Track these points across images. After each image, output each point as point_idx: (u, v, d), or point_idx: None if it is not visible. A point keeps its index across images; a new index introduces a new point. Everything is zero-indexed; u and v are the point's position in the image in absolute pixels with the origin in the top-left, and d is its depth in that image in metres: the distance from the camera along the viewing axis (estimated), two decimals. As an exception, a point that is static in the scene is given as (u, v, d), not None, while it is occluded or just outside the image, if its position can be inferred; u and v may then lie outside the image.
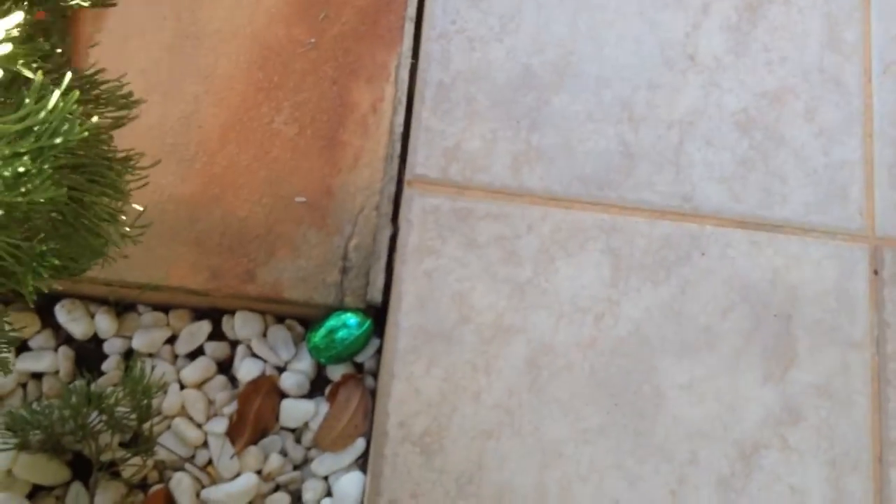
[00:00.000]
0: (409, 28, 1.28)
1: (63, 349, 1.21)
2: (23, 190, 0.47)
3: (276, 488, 1.18)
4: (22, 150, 0.44)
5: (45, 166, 0.46)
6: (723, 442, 1.04)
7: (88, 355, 1.22)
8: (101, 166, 0.61)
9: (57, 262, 0.61)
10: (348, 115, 1.27)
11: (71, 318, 1.21)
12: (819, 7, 1.10)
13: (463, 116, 1.14)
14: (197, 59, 1.26)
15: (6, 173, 0.43)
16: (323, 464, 1.17)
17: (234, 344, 1.24)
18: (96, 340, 1.23)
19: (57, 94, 0.44)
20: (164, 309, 1.25)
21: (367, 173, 1.25)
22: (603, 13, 1.07)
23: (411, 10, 1.30)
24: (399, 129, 1.27)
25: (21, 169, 0.45)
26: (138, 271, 1.14)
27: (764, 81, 1.08)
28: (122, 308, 1.24)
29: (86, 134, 0.47)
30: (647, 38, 1.07)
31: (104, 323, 1.21)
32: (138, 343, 1.21)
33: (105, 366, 1.21)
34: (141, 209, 0.72)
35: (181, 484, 1.15)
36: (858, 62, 1.11)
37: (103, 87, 0.64)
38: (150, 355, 1.22)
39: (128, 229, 0.71)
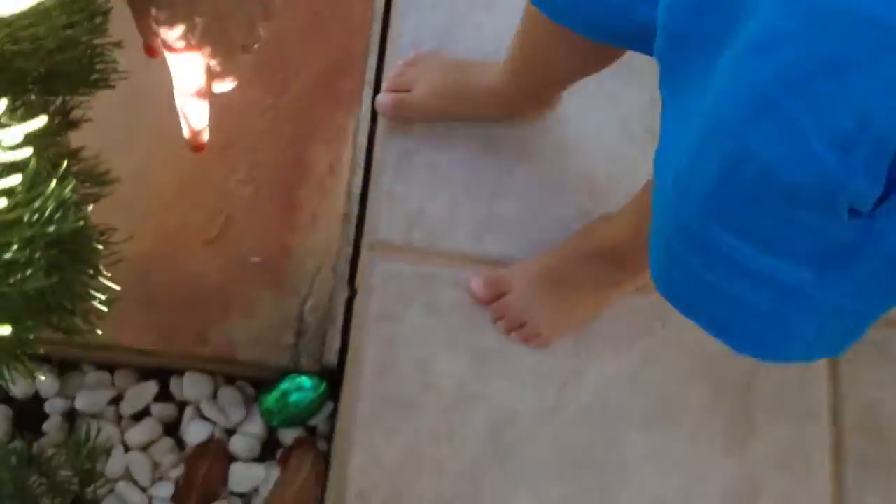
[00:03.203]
0: (369, 92, 1.28)
1: (1, 408, 1.15)
2: (11, 281, 0.44)
3: (224, 557, 1.14)
4: (12, 241, 0.41)
5: (37, 255, 0.44)
6: (685, 514, 1.03)
7: (28, 414, 1.17)
8: (79, 243, 0.58)
9: (41, 351, 0.58)
10: (305, 175, 1.25)
11: (10, 377, 1.16)
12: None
13: (426, 181, 1.13)
14: (150, 115, 1.23)
15: (-7, 264, 0.41)
16: (273, 532, 1.13)
17: (181, 405, 1.20)
18: (37, 399, 1.18)
19: (54, 182, 0.42)
20: (110, 368, 1.20)
21: (324, 234, 1.23)
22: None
23: (370, 75, 1.29)
24: (357, 190, 1.25)
25: (8, 256, 0.42)
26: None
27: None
28: (65, 366, 1.19)
29: (80, 224, 0.45)
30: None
31: (46, 382, 1.16)
32: (81, 403, 1.16)
33: (46, 426, 1.16)
34: (117, 288, 0.69)
35: (124, 553, 1.10)
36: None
37: (82, 164, 0.62)
38: (94, 416, 1.17)
39: (101, 305, 0.68)
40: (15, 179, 0.40)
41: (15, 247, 0.43)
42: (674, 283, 0.77)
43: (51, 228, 0.43)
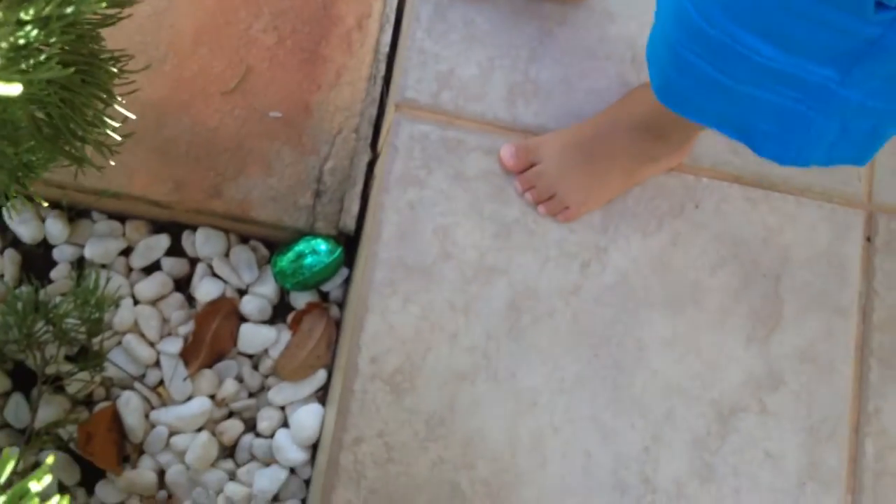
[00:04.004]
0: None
1: (9, 252, 1.13)
2: (23, 66, 0.40)
3: (230, 415, 1.13)
4: (26, 19, 0.37)
5: (52, 40, 0.39)
6: (701, 401, 1.01)
7: (36, 260, 1.15)
8: (92, 66, 0.53)
9: (45, 173, 0.54)
10: (332, 28, 1.19)
11: (19, 220, 1.13)
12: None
13: (460, 39, 1.07)
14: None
15: (4, 44, 0.36)
16: (280, 393, 1.12)
17: (193, 261, 1.17)
18: (45, 246, 1.15)
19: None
20: (121, 218, 1.17)
21: (348, 93, 1.17)
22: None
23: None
24: (385, 49, 1.20)
25: (22, 41, 0.37)
26: (96, 176, 1.06)
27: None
28: (74, 213, 1.16)
29: (103, 4, 0.40)
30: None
31: (55, 228, 1.13)
32: (91, 252, 1.13)
33: (54, 273, 1.13)
34: (132, 116, 0.65)
35: (129, 403, 1.09)
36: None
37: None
38: (103, 266, 1.15)
39: (115, 134, 0.64)
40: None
41: (29, 27, 0.38)
42: (683, 92, 0.76)
43: (69, 9, 0.38)
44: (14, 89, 0.34)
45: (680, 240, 1.05)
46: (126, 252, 1.16)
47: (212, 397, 1.11)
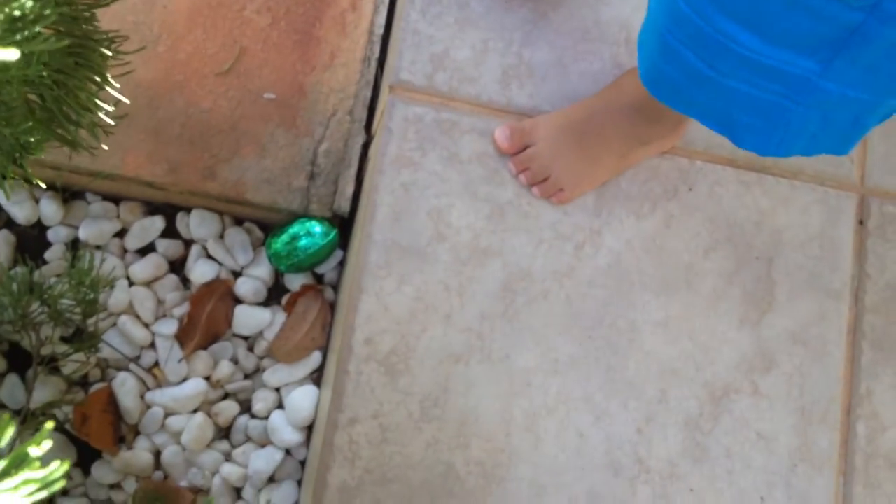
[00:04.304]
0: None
1: (3, 233, 1.13)
2: (18, 38, 0.40)
3: (225, 396, 1.13)
4: (21, -12, 0.37)
5: (47, 11, 0.39)
6: (694, 383, 1.01)
7: (31, 242, 1.15)
8: (85, 48, 0.53)
9: (42, 155, 0.54)
10: (326, 10, 1.19)
11: (13, 201, 1.13)
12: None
13: (455, 20, 1.07)
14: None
15: (0, 16, 0.36)
16: (275, 375, 1.12)
17: (188, 243, 1.17)
18: (40, 227, 1.15)
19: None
20: (115, 200, 1.17)
21: (342, 75, 1.17)
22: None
23: None
24: (379, 31, 1.20)
25: (17, 13, 0.37)
26: (90, 157, 1.06)
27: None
28: (69, 195, 1.16)
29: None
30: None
31: (50, 209, 1.13)
32: (85, 233, 1.13)
33: (48, 255, 1.13)
34: (126, 101, 0.65)
35: (125, 384, 1.09)
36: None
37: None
38: (98, 248, 1.15)
39: (108, 118, 0.63)
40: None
41: (24, -1, 0.38)
42: (668, 80, 0.77)
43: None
44: (11, 54, 0.34)
45: (673, 222, 1.05)
46: (121, 234, 1.16)
47: (207, 379, 1.12)
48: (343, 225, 1.16)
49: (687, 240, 1.05)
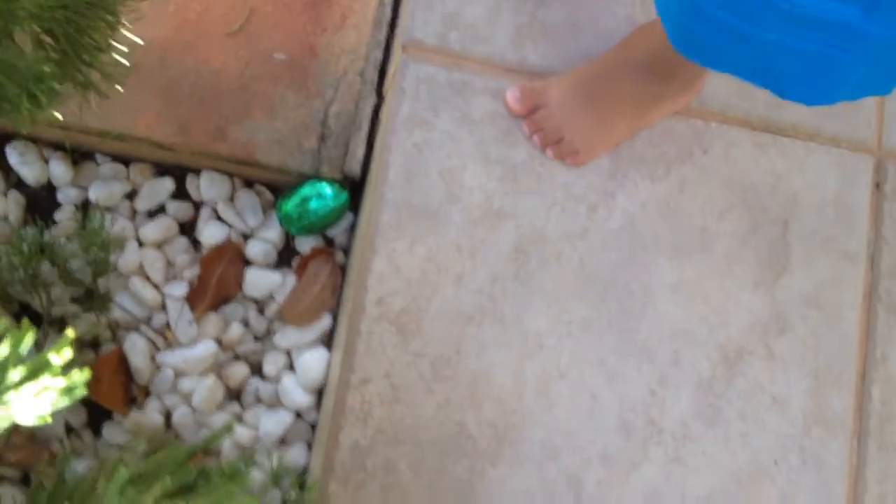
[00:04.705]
0: None
1: (13, 193, 1.12)
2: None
3: (236, 358, 1.13)
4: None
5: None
6: (707, 345, 1.01)
7: (40, 203, 1.14)
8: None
9: (57, 86, 0.53)
10: (337, -30, 1.18)
11: (23, 162, 1.12)
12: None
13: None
14: None
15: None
16: (286, 337, 1.12)
17: (198, 205, 1.16)
18: (49, 188, 1.14)
19: None
20: (125, 161, 1.16)
21: (353, 35, 1.16)
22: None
23: None
24: (391, -10, 1.18)
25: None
26: (100, 116, 1.05)
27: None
28: (78, 155, 1.15)
29: None
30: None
31: (59, 169, 1.13)
32: (95, 194, 1.13)
33: (58, 216, 1.13)
34: (140, 41, 0.64)
35: (136, 346, 1.09)
36: None
37: None
38: (108, 209, 1.14)
39: (123, 59, 0.63)
40: None
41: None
42: (701, 41, 0.75)
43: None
44: None
45: (688, 185, 1.04)
46: (130, 195, 1.15)
47: (218, 341, 1.11)
48: (354, 187, 1.15)
49: (701, 203, 1.04)
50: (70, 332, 0.40)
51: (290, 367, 1.12)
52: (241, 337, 1.12)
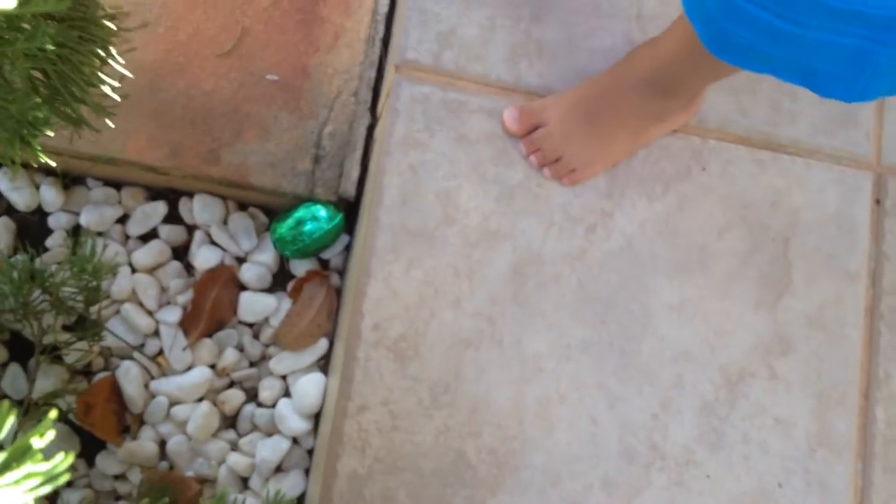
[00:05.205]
0: None
1: (4, 220, 1.11)
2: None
3: (231, 384, 1.11)
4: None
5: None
6: (709, 367, 0.99)
7: (31, 228, 1.12)
8: (88, 21, 0.51)
9: (50, 132, 0.51)
10: (329, -11, 1.16)
11: (13, 187, 1.11)
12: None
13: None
14: None
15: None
16: (282, 362, 1.10)
17: (191, 229, 1.15)
18: (40, 213, 1.13)
19: None
20: (116, 185, 1.15)
21: (346, 55, 1.15)
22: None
23: None
24: (383, 9, 1.17)
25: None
26: (91, 141, 1.03)
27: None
28: (69, 180, 1.13)
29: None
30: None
31: (50, 195, 1.11)
32: (87, 219, 1.11)
33: (49, 241, 1.11)
34: (130, 75, 0.63)
35: (129, 373, 1.07)
36: None
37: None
38: (100, 234, 1.12)
39: (114, 93, 0.61)
40: None
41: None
42: (737, 41, 0.73)
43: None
44: (9, 2, 0.32)
45: (686, 203, 1.03)
46: (122, 220, 1.14)
47: (212, 367, 1.10)
48: (348, 209, 1.14)
49: (700, 221, 1.02)
50: (52, 413, 0.38)
51: (286, 392, 1.10)
52: (236, 363, 1.10)
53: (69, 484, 1.06)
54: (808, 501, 0.98)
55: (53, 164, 0.82)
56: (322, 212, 1.10)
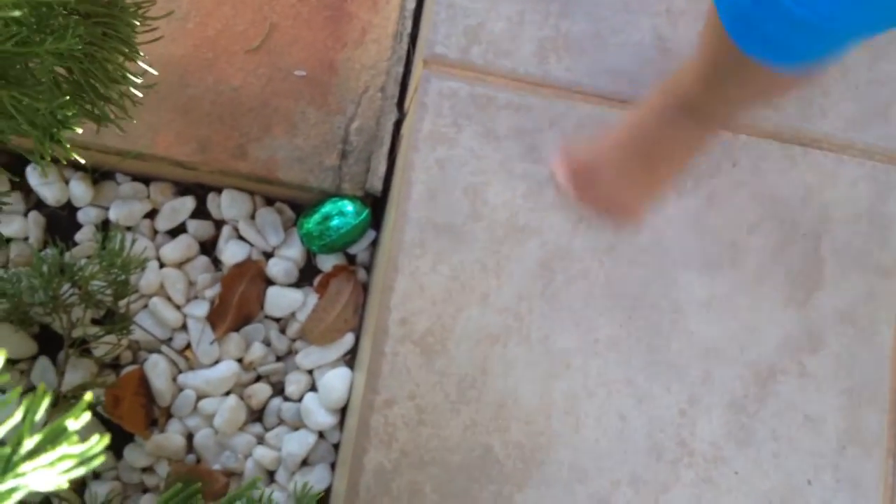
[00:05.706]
0: None
1: (34, 214, 1.11)
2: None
3: (258, 378, 1.11)
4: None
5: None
6: (738, 364, 0.98)
7: (61, 223, 1.13)
8: (113, 17, 0.51)
9: (79, 130, 0.52)
10: (357, -16, 1.16)
11: (43, 182, 1.11)
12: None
13: (490, -7, 1.04)
14: None
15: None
16: (308, 357, 1.11)
17: (218, 224, 1.15)
18: (70, 208, 1.13)
19: None
20: (145, 180, 1.15)
21: (374, 51, 1.15)
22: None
23: None
24: (411, 4, 1.17)
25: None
26: (119, 136, 1.04)
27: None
28: (98, 175, 1.14)
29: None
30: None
31: (79, 189, 1.12)
32: (115, 214, 1.12)
33: (78, 236, 1.12)
34: (154, 72, 0.63)
35: (157, 366, 1.08)
36: None
37: None
38: (128, 228, 1.13)
39: (137, 91, 0.61)
40: None
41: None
42: (768, 34, 0.71)
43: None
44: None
45: (717, 199, 1.02)
46: (151, 214, 1.14)
47: (239, 361, 1.10)
48: (375, 204, 1.14)
49: (730, 217, 1.02)
50: (88, 396, 0.39)
51: (313, 386, 1.10)
52: (262, 357, 1.10)
53: (97, 476, 1.06)
54: (838, 498, 0.97)
55: (82, 160, 0.82)
56: (349, 207, 1.10)
